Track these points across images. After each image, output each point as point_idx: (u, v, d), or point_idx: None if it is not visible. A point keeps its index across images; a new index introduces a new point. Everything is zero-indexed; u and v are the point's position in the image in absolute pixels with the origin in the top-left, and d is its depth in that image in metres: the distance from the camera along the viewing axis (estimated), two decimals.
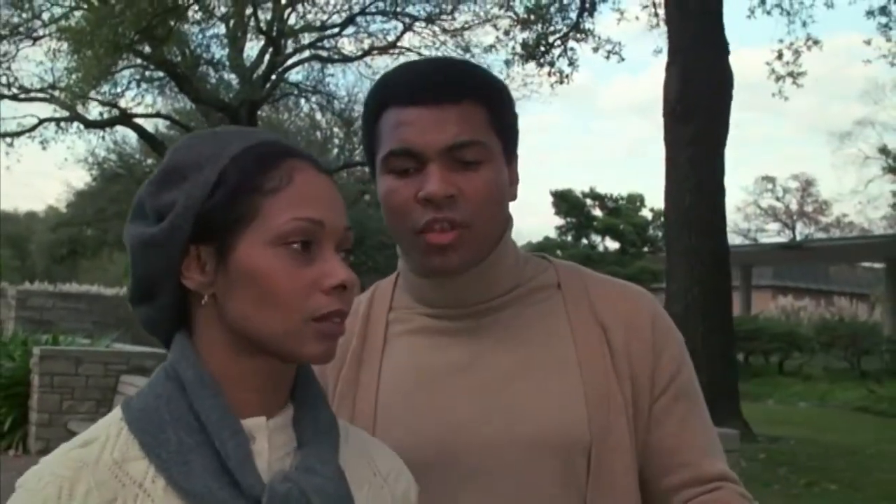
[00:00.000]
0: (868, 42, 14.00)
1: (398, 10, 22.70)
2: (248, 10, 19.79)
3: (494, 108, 1.44)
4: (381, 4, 22.69)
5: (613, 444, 1.42)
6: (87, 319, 21.23)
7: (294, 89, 26.61)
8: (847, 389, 17.30)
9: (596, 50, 14.84)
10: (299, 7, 21.66)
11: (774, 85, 13.98)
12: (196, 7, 16.93)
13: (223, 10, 18.82)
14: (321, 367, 1.45)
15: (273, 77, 23.63)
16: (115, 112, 22.49)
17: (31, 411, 11.35)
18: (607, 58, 14.88)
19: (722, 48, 9.37)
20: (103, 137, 26.88)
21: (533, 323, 1.50)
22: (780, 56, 13.82)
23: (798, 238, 47.50)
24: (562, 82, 15.62)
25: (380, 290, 1.62)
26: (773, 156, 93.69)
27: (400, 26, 23.44)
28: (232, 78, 23.18)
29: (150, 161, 29.14)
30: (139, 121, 23.90)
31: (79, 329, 17.85)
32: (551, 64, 15.11)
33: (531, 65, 15.12)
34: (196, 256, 1.14)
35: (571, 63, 15.01)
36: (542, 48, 14.54)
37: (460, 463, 1.42)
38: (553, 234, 31.59)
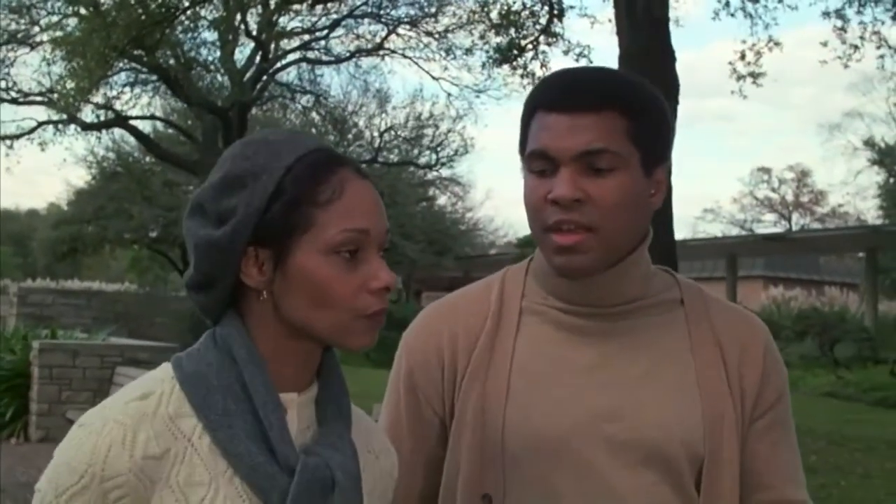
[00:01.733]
0: (825, 44, 14.35)
1: (382, 13, 23.14)
2: (238, 17, 20.10)
3: (636, 118, 1.46)
4: (366, 8, 23.10)
5: (725, 458, 1.48)
6: (87, 315, 21.49)
7: (284, 90, 26.91)
8: (818, 376, 17.72)
9: (566, 53, 15.36)
10: (290, 9, 21.97)
11: (753, 82, 14.34)
12: (183, 17, 17.32)
13: (215, 14, 19.14)
14: (452, 342, 1.60)
15: (264, 78, 24.00)
16: (111, 114, 22.83)
17: (32, 402, 11.69)
18: (577, 60, 15.26)
19: (669, 56, 9.80)
20: (99, 139, 27.18)
21: (657, 334, 1.55)
22: (742, 57, 14.22)
23: (794, 228, 47.86)
24: (533, 84, 15.95)
25: (511, 275, 1.65)
26: (772, 146, 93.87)
27: (385, 29, 23.82)
28: (224, 80, 23.45)
29: (148, 159, 29.43)
30: (135, 122, 24.28)
31: (78, 324, 18.13)
32: (524, 67, 15.74)
33: (506, 67, 15.66)
34: (255, 257, 1.22)
35: (544, 65, 15.61)
36: (515, 52, 15.00)
37: (584, 455, 1.48)
38: None
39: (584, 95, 1.46)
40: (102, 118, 23.02)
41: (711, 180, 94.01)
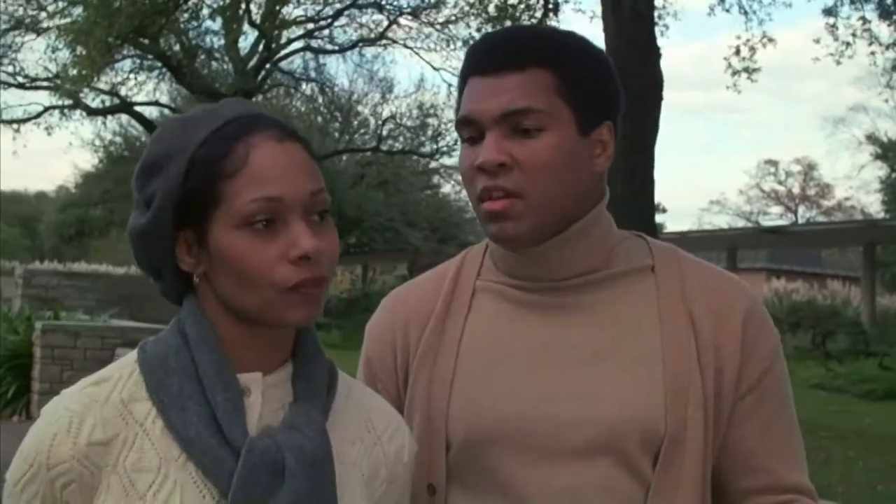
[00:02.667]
0: (817, 41, 14.53)
1: (384, 2, 23.40)
2: (242, 6, 20.33)
3: (564, 74, 1.38)
4: None
5: (687, 438, 1.37)
6: (91, 297, 21.61)
7: (287, 78, 27.11)
8: (809, 368, 17.86)
9: None
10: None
11: (748, 77, 14.54)
12: (186, 6, 17.55)
13: (218, 3, 19.37)
14: (404, 328, 1.53)
15: (267, 67, 24.27)
16: (116, 100, 23.16)
17: (34, 381, 11.91)
18: None
19: (653, 52, 10.00)
20: (105, 124, 27.62)
21: (621, 306, 1.44)
22: (737, 52, 14.40)
23: (800, 221, 47.99)
24: None
25: (470, 255, 1.58)
26: (781, 139, 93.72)
27: (387, 19, 24.07)
28: (228, 67, 23.81)
29: None
30: (140, 108, 24.63)
31: (82, 306, 18.40)
32: None
33: None
34: (184, 241, 1.20)
35: None
36: None
37: (532, 439, 1.40)
38: None
39: (506, 54, 1.39)
40: (108, 104, 23.30)
41: (718, 172, 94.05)
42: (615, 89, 1.46)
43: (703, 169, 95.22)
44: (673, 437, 1.37)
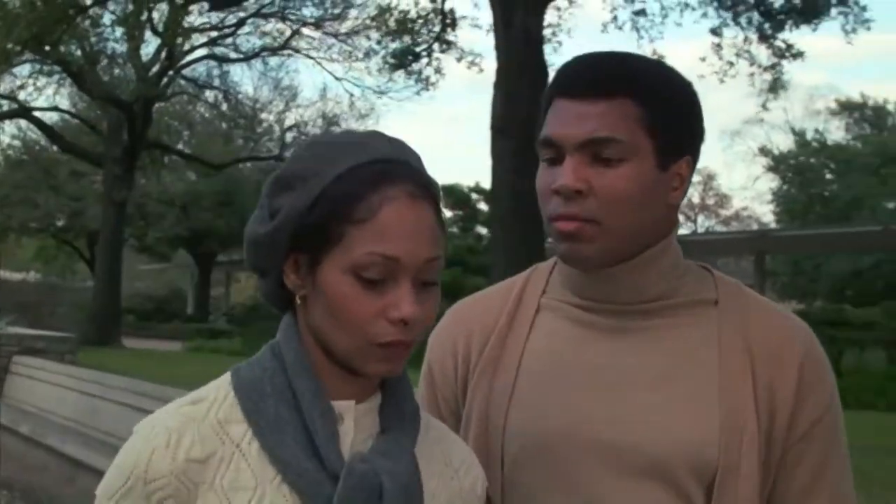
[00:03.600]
0: (703, 59, 15.22)
1: (287, 12, 23.70)
2: (144, 14, 20.28)
3: (650, 106, 1.37)
4: (272, 8, 23.53)
5: (741, 473, 1.36)
6: None
7: (191, 86, 27.15)
8: None
9: (459, 60, 16.12)
10: (193, 8, 22.23)
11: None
12: (88, 13, 17.46)
13: (121, 11, 19.33)
14: (467, 339, 1.54)
15: (170, 73, 24.21)
16: (14, 105, 22.88)
17: None
18: (469, 68, 16.06)
19: (542, 72, 10.50)
20: (2, 129, 27.15)
21: (681, 337, 1.43)
22: None
23: (699, 230, 49.44)
24: (427, 89, 17.13)
25: (537, 272, 1.59)
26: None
27: (290, 28, 24.36)
28: (130, 73, 23.57)
29: (55, 148, 29.35)
30: (40, 113, 24.30)
31: None
32: (419, 72, 16.41)
33: (402, 72, 16.38)
34: (294, 260, 1.20)
35: (438, 71, 16.34)
36: (410, 58, 15.64)
37: (577, 459, 1.40)
38: None
39: (595, 81, 1.39)
40: (5, 108, 23.01)
41: None
42: (699, 124, 1.46)
43: None
44: (726, 467, 1.36)
